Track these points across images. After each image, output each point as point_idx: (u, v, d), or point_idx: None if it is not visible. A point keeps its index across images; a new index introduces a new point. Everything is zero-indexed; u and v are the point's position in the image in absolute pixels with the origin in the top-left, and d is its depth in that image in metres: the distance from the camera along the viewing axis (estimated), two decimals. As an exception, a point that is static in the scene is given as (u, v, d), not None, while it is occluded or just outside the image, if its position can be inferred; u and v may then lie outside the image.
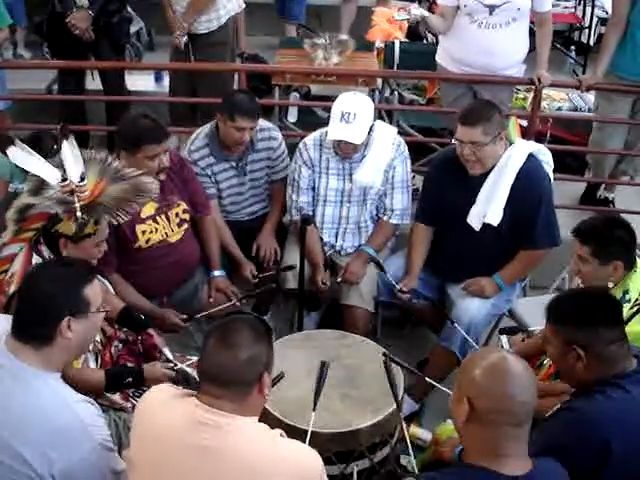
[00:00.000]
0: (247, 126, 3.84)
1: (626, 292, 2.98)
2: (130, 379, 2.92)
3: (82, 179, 2.75)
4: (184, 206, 3.72)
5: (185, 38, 4.97)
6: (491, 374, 1.99)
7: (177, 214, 3.69)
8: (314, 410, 2.75)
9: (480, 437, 1.99)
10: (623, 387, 2.30)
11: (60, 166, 2.79)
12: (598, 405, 2.28)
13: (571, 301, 2.53)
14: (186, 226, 3.74)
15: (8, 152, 2.80)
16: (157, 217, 3.61)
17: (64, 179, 2.74)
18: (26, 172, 2.91)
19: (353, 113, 3.69)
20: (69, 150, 2.79)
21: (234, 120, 3.81)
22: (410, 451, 2.77)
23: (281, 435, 2.14)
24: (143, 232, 3.58)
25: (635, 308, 2.90)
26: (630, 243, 3.02)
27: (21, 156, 2.81)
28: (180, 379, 3.06)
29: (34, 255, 2.79)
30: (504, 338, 3.62)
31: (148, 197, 3.01)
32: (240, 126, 3.82)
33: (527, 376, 2.02)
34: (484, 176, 3.63)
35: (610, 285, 2.97)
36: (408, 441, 2.82)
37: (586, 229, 3.09)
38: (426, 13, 4.49)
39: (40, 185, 2.78)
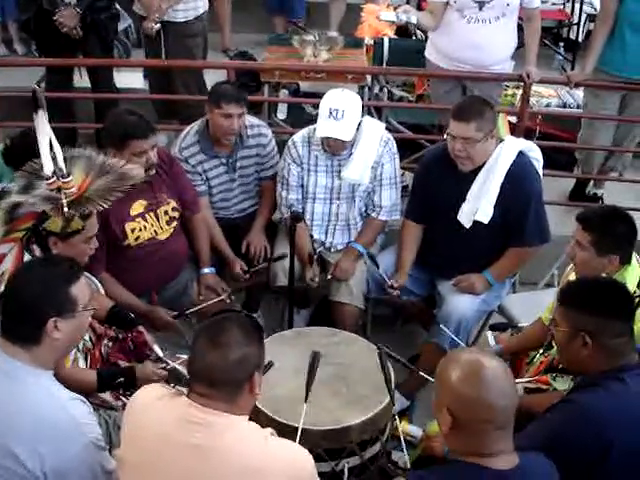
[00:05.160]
0: (234, 112, 3.83)
1: None
2: (122, 379, 2.92)
3: (68, 175, 2.74)
4: (173, 204, 3.71)
5: (157, 25, 4.97)
6: (467, 383, 1.97)
7: (166, 212, 3.68)
8: (306, 402, 2.75)
9: (465, 441, 1.99)
10: (623, 380, 2.31)
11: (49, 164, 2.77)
12: (599, 400, 2.29)
13: (588, 287, 2.52)
14: (175, 224, 3.74)
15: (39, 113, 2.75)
16: (146, 215, 3.61)
17: (50, 176, 2.73)
18: (15, 171, 2.90)
19: (341, 110, 3.69)
20: None
21: (220, 107, 3.81)
22: (403, 447, 2.79)
23: (272, 434, 2.14)
24: (132, 230, 3.57)
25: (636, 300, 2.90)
26: (631, 240, 3.01)
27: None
28: (171, 377, 3.06)
29: (26, 254, 2.77)
30: (490, 335, 3.63)
31: (132, 182, 2.98)
32: (227, 112, 3.82)
33: (505, 378, 2.00)
34: (474, 173, 3.63)
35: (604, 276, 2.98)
36: (402, 437, 2.83)
37: (591, 218, 3.05)
38: (413, 19, 4.48)
39: (28, 183, 2.77)
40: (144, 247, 3.63)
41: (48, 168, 2.70)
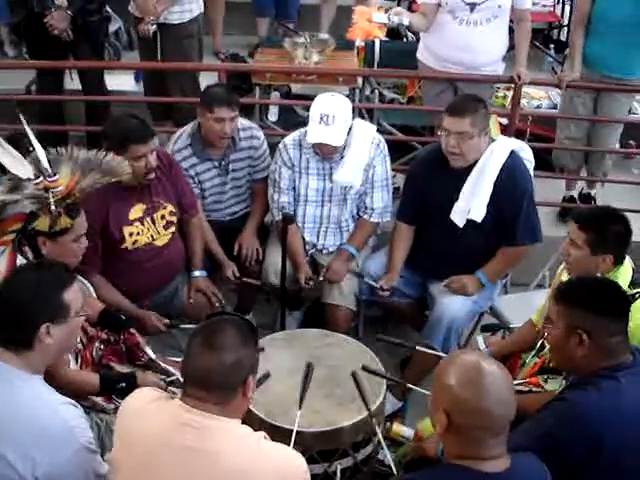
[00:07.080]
0: (226, 116, 3.82)
1: None
2: (123, 384, 2.90)
3: (54, 174, 2.74)
4: (171, 208, 3.70)
5: (154, 27, 4.97)
6: (467, 388, 1.96)
7: (163, 216, 3.67)
8: (300, 409, 2.76)
9: (459, 444, 1.99)
10: (617, 379, 2.32)
11: (34, 165, 2.78)
12: (591, 398, 2.30)
13: (585, 286, 2.53)
14: (173, 229, 3.73)
15: None
16: (143, 219, 3.60)
17: (37, 177, 2.73)
18: (1, 174, 2.89)
19: (332, 115, 3.69)
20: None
21: (212, 111, 3.81)
22: (386, 450, 2.79)
23: (264, 438, 2.13)
24: (130, 234, 3.57)
25: None
26: (625, 240, 3.01)
27: None
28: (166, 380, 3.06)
29: (18, 256, 2.77)
30: (480, 338, 3.63)
31: (119, 177, 3.00)
32: (219, 117, 3.81)
33: (505, 385, 2.00)
34: (467, 172, 3.64)
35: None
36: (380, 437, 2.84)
37: (587, 217, 3.06)
38: (405, 21, 4.49)
39: (15, 185, 2.77)
40: (141, 251, 3.62)
41: (24, 173, 2.72)
